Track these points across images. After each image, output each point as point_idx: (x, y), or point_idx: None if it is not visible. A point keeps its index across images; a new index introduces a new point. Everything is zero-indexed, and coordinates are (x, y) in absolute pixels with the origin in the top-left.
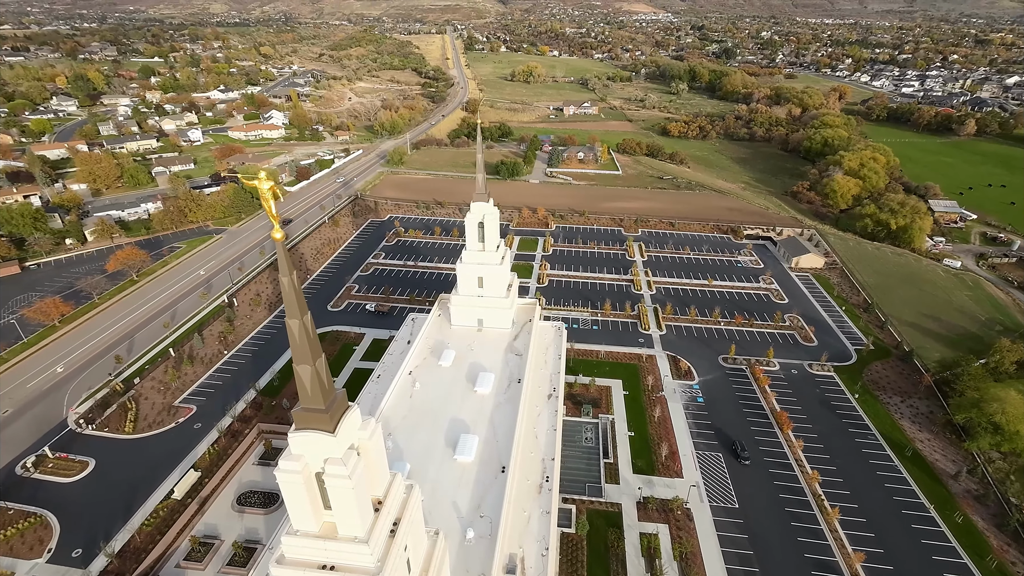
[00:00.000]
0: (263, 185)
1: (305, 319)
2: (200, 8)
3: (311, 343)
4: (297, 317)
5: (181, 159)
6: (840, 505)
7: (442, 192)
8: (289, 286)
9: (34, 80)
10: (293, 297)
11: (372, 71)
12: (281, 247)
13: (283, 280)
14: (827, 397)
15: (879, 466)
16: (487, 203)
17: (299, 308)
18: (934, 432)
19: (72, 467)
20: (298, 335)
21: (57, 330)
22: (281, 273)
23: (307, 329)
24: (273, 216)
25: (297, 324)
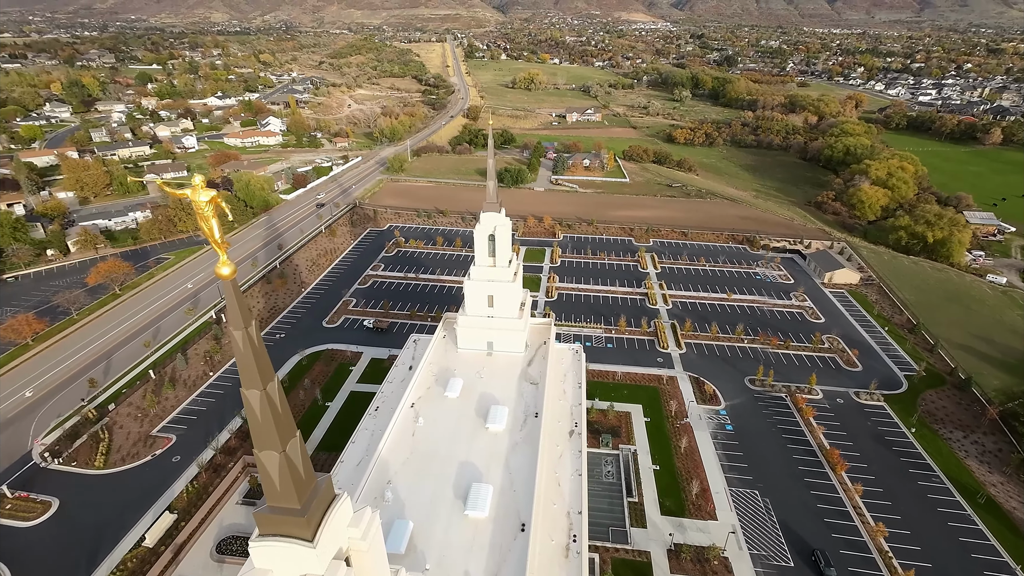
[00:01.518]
0: (198, 196)
1: (270, 388)
2: (201, 17)
3: (279, 420)
4: (258, 387)
5: (174, 166)
6: (912, 564)
7: (444, 200)
8: (245, 343)
9: (28, 86)
10: (251, 358)
11: (372, 78)
12: (232, 289)
13: (235, 335)
14: (880, 431)
15: (949, 515)
16: (499, 214)
17: (260, 373)
18: (1007, 475)
19: (33, 508)
20: (260, 411)
21: (30, 349)
22: (232, 325)
23: (273, 402)
24: (217, 243)
25: (258, 397)
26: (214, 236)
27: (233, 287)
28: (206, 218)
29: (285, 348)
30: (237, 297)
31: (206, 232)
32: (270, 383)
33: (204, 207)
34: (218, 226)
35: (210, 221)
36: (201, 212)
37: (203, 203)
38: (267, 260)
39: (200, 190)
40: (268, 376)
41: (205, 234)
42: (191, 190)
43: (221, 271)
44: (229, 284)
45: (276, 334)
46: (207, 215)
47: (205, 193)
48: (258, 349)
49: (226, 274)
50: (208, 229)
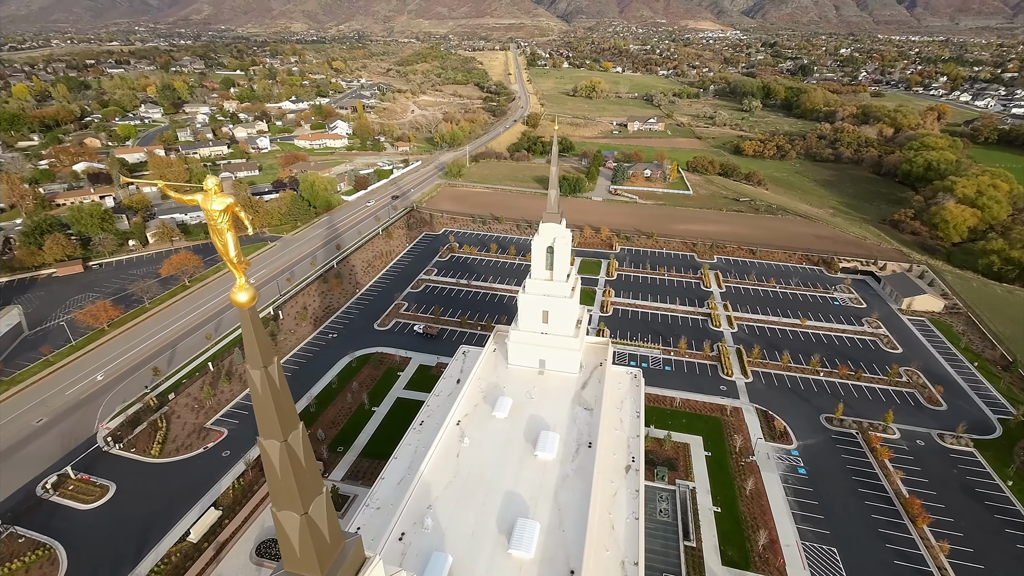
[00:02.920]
0: (210, 203)
1: (293, 438)
2: (282, 27)
3: (302, 477)
4: (277, 436)
5: (247, 165)
6: None
7: (499, 206)
8: (264, 385)
9: (128, 89)
10: (270, 403)
11: (436, 85)
12: (250, 319)
13: (252, 375)
14: (969, 481)
15: None
16: (559, 225)
17: (281, 421)
18: None
19: (92, 491)
20: (280, 466)
21: (105, 334)
22: (249, 362)
23: (296, 455)
24: (232, 263)
25: (278, 449)
26: (229, 254)
27: (252, 317)
28: (220, 231)
29: (336, 348)
30: (256, 329)
31: (219, 248)
32: (293, 432)
33: (217, 217)
34: (234, 242)
35: (225, 235)
36: (214, 223)
37: (216, 212)
38: (325, 259)
39: (212, 196)
40: (291, 424)
41: (219, 251)
42: (202, 195)
43: (237, 297)
44: (247, 314)
45: (329, 334)
46: (221, 227)
47: (219, 199)
48: (280, 392)
49: (243, 301)
50: (222, 245)
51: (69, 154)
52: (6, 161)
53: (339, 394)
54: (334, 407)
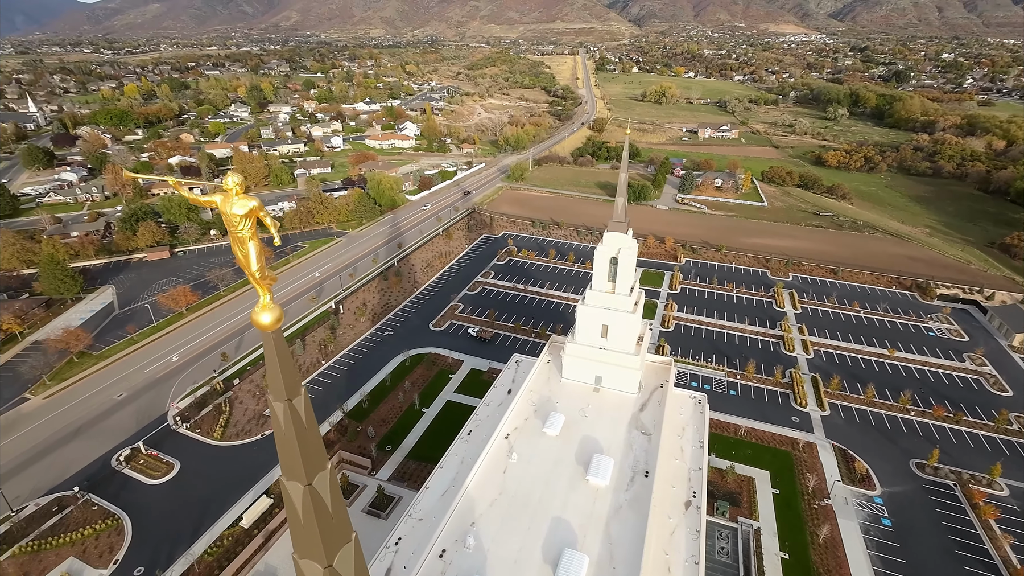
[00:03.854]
0: (230, 207)
1: (319, 480)
2: (362, 32)
3: (326, 524)
4: (300, 479)
5: (321, 163)
6: None
7: (561, 211)
8: (288, 421)
9: (221, 90)
10: (294, 441)
11: (503, 89)
12: (274, 344)
13: (275, 408)
14: None
15: None
16: (625, 235)
17: (304, 462)
18: None
19: (159, 467)
20: (303, 511)
21: (183, 318)
22: (272, 393)
23: (321, 500)
24: (255, 278)
25: (301, 493)
26: (251, 267)
27: (276, 341)
28: (241, 240)
29: (392, 347)
30: (281, 355)
31: (240, 260)
32: (319, 473)
33: (238, 223)
34: (257, 252)
35: (247, 244)
36: (234, 230)
37: (237, 217)
38: (387, 257)
39: (233, 198)
40: (317, 464)
41: (239, 262)
42: (221, 196)
43: (260, 318)
44: (270, 337)
45: (385, 331)
46: (242, 235)
47: (242, 202)
48: (305, 429)
49: (266, 323)
50: (243, 256)
51: (166, 148)
52: (114, 153)
53: (391, 392)
54: (385, 405)
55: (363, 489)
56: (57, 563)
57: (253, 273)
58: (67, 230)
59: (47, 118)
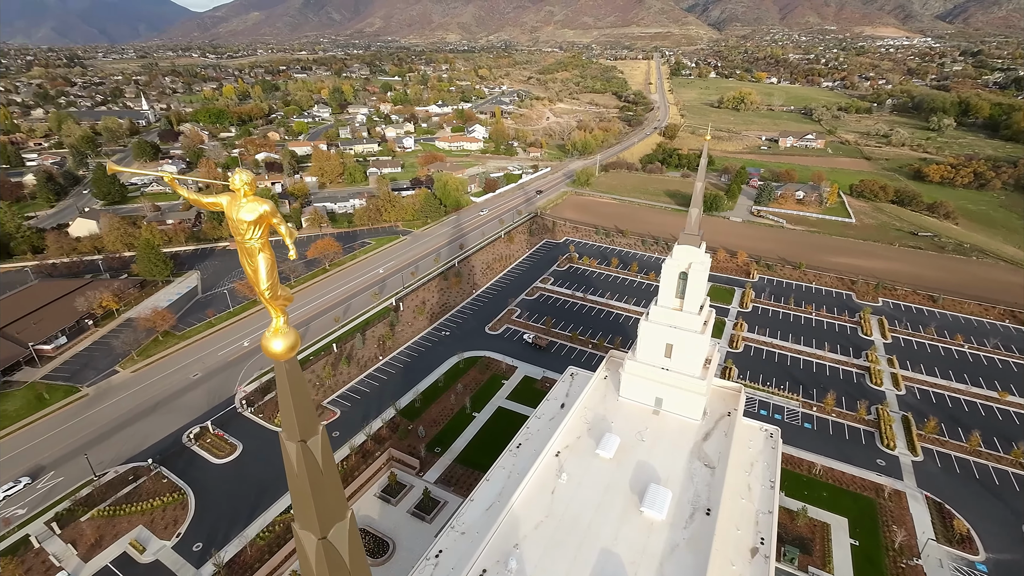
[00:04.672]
0: (237, 211)
1: (338, 532)
2: (439, 38)
3: None
4: (315, 531)
5: (392, 162)
6: None
7: (626, 219)
8: (300, 464)
9: (307, 92)
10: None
11: (573, 93)
12: (288, 376)
13: (288, 449)
14: None
15: None
16: (698, 248)
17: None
18: None
19: (224, 447)
20: (315, 565)
21: (256, 305)
22: (286, 433)
23: (337, 555)
24: (265, 297)
25: (315, 546)
26: (260, 284)
27: (290, 372)
28: (249, 252)
29: (447, 347)
30: (294, 388)
31: (249, 275)
32: (338, 523)
33: (246, 230)
34: (268, 268)
35: (256, 258)
36: (241, 239)
37: (244, 224)
38: (448, 257)
39: (241, 201)
40: (335, 514)
41: (248, 278)
42: (228, 198)
43: (271, 345)
44: (283, 368)
45: (442, 331)
46: (251, 246)
47: (251, 206)
48: (322, 476)
49: (277, 351)
50: (252, 271)
51: (255, 145)
52: (209, 149)
53: (443, 393)
54: (437, 405)
55: (410, 489)
56: (128, 530)
57: (263, 292)
58: (164, 218)
59: (156, 115)
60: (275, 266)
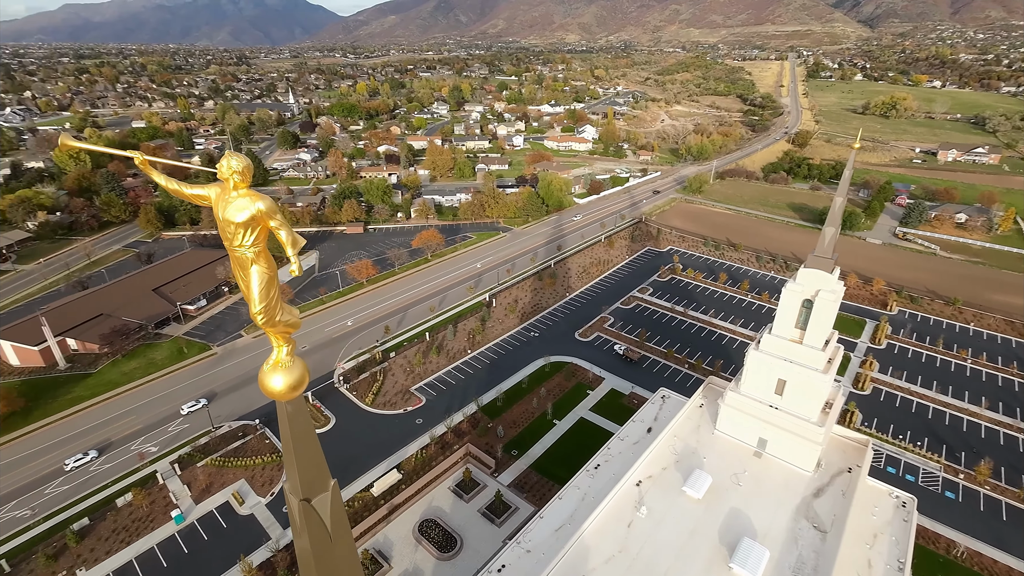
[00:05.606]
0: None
1: None
2: (558, 38)
3: None
4: None
5: (500, 160)
6: None
7: (739, 232)
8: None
9: (429, 89)
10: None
11: (693, 95)
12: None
13: (291, 504)
14: None
15: None
16: (829, 274)
17: None
18: None
19: (319, 419)
20: None
21: (362, 288)
22: (289, 488)
23: None
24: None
25: None
26: (254, 305)
27: (294, 414)
28: (242, 262)
29: (534, 348)
30: (298, 437)
31: (243, 290)
32: None
33: (234, 235)
34: (263, 283)
35: (249, 270)
36: (229, 246)
37: (232, 226)
38: (544, 258)
39: (231, 195)
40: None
41: (243, 293)
42: (216, 191)
43: (269, 381)
44: (285, 409)
45: (531, 331)
46: (242, 255)
47: (242, 203)
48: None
49: (277, 389)
50: (245, 285)
51: (378, 138)
52: (339, 140)
53: (526, 395)
54: (519, 407)
55: (483, 488)
56: (232, 481)
57: (255, 315)
58: (295, 200)
59: (300, 108)
60: (275, 283)
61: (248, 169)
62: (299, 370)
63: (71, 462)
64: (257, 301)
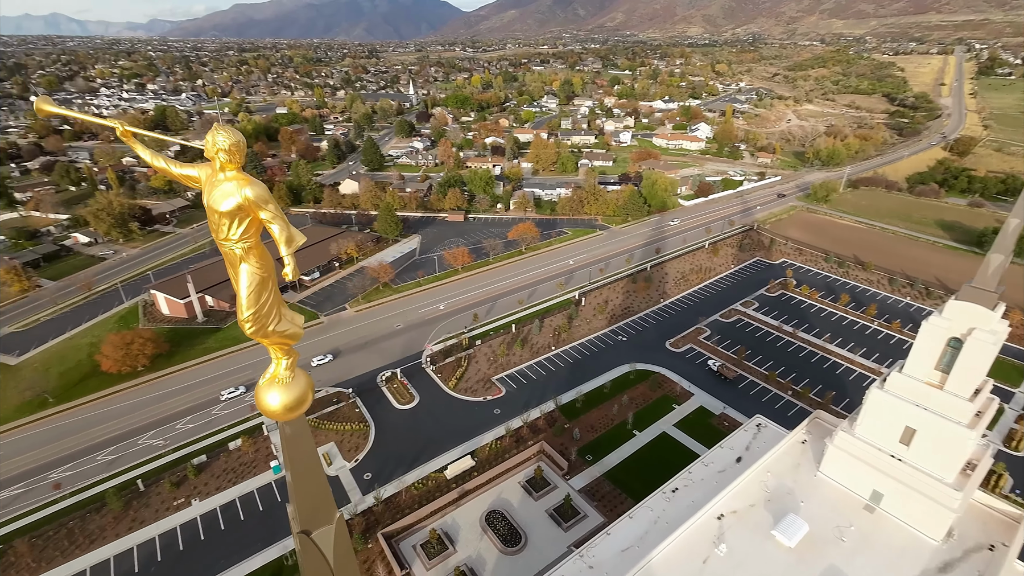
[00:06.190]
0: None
1: None
2: (680, 31)
3: None
4: None
5: (605, 156)
6: None
7: (872, 250)
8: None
9: (539, 83)
10: None
11: (828, 94)
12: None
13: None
14: None
15: None
16: (991, 311)
17: None
18: None
19: (405, 396)
20: None
21: (456, 275)
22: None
23: None
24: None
25: None
26: (244, 311)
27: (295, 436)
28: (230, 259)
29: (621, 353)
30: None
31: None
32: None
33: (221, 226)
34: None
35: (239, 267)
36: (216, 236)
37: (217, 215)
38: (641, 260)
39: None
40: None
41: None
42: (206, 174)
43: (265, 399)
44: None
45: (619, 335)
46: (229, 250)
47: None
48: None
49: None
50: (235, 282)
51: (486, 129)
52: (450, 130)
53: (607, 400)
54: (598, 411)
55: (553, 489)
56: (323, 443)
57: (242, 322)
58: (405, 186)
59: (418, 99)
60: (268, 285)
61: (238, 147)
62: (300, 387)
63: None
64: (245, 306)
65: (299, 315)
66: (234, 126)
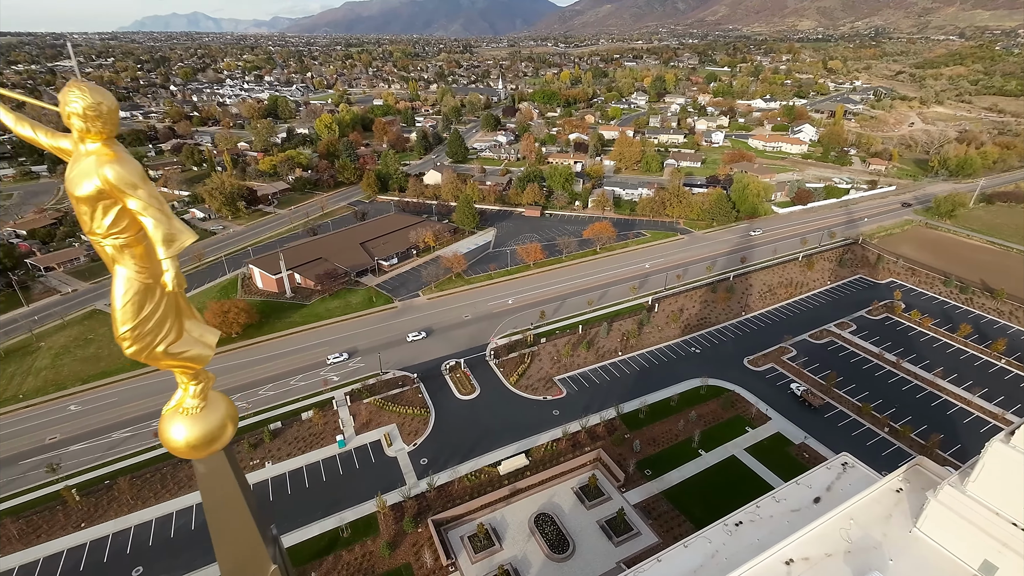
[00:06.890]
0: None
1: None
2: (789, 25)
3: None
4: None
5: (693, 156)
6: None
7: (1005, 275)
8: None
9: (630, 79)
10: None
11: (964, 95)
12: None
13: None
14: None
15: None
16: None
17: None
18: None
19: (466, 386)
20: None
21: (528, 270)
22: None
23: None
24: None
25: None
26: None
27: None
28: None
29: (692, 365)
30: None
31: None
32: None
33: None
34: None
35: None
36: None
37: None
38: (723, 268)
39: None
40: None
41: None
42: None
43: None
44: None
45: (692, 346)
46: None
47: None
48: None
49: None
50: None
51: (571, 126)
52: (534, 125)
53: (672, 414)
54: (662, 425)
55: (607, 500)
56: (386, 423)
57: (118, 338)
58: (485, 179)
59: (506, 94)
60: (153, 293)
61: (97, 110)
62: (212, 420)
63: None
64: (119, 320)
65: (213, 331)
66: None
